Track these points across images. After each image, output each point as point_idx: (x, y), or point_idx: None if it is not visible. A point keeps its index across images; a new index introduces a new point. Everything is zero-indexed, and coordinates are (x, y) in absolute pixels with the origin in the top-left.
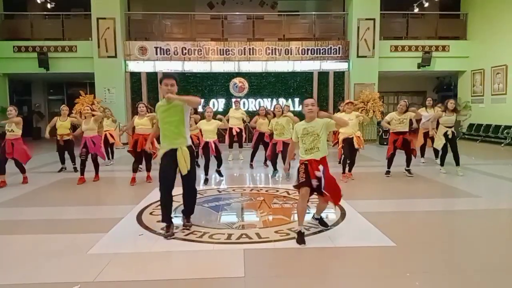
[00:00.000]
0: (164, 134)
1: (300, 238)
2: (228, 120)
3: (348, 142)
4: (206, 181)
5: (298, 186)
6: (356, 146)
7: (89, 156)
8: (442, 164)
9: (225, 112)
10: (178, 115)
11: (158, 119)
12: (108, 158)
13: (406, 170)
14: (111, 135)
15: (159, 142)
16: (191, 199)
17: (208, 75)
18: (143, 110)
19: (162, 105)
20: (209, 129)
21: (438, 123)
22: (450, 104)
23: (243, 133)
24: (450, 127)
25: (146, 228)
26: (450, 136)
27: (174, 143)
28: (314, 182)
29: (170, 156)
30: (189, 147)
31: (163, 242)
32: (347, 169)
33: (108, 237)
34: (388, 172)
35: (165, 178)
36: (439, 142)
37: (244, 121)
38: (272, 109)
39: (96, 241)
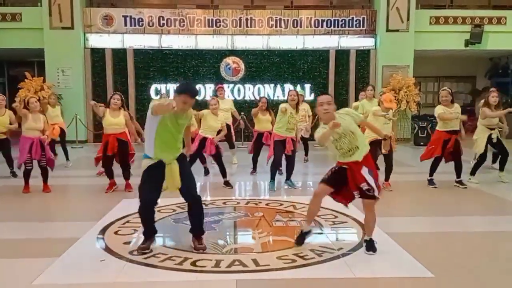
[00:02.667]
0: (164, 145)
1: (300, 237)
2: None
3: (378, 144)
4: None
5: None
6: (383, 151)
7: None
8: (472, 173)
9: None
10: (185, 125)
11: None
12: (67, 159)
13: (457, 181)
14: (61, 129)
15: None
16: (197, 213)
17: (193, 52)
18: (117, 103)
19: (171, 114)
20: (215, 125)
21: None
22: (492, 98)
23: (231, 130)
24: (493, 129)
25: (110, 251)
26: (494, 140)
27: (173, 156)
28: (356, 195)
29: (157, 168)
30: (181, 156)
31: (131, 270)
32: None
33: (59, 264)
34: (432, 181)
35: (148, 195)
36: (478, 149)
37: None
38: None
39: (43, 269)
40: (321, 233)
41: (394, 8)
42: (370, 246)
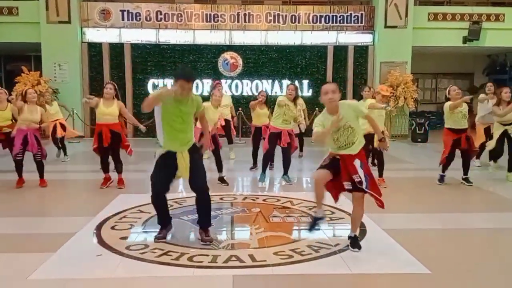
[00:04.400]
0: (171, 133)
1: (313, 223)
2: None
3: (371, 139)
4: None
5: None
6: (375, 145)
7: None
8: (493, 160)
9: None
10: (192, 113)
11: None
12: (65, 154)
13: (463, 179)
14: (62, 125)
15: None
16: (204, 205)
17: (191, 48)
18: (109, 92)
19: (172, 101)
20: (214, 118)
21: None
22: (505, 94)
23: (232, 125)
24: (510, 124)
25: (106, 246)
26: None
27: (182, 144)
28: (347, 185)
29: (170, 158)
30: (193, 148)
31: (128, 265)
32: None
33: (56, 258)
34: (442, 178)
35: (160, 183)
36: (491, 142)
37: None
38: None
39: (39, 264)
40: (318, 229)
41: (393, 4)
42: (355, 243)
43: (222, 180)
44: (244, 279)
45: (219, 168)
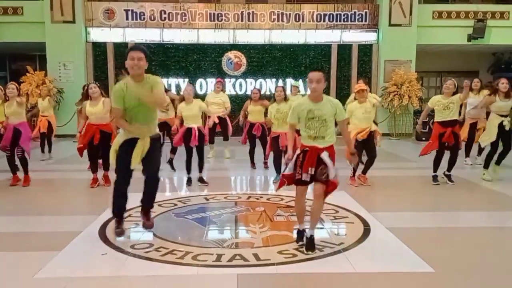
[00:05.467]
0: (134, 119)
1: (298, 236)
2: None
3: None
4: (189, 181)
5: (290, 182)
6: (359, 137)
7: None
8: (486, 166)
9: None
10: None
11: (121, 103)
12: (43, 152)
13: (445, 175)
14: (49, 122)
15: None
16: (152, 187)
17: (195, 47)
18: (95, 92)
19: (131, 85)
20: (190, 114)
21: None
22: (502, 85)
23: (228, 122)
24: (505, 116)
25: (111, 245)
26: (507, 128)
27: (147, 130)
28: (305, 176)
29: (130, 145)
30: (156, 136)
31: (133, 264)
32: (358, 172)
33: (61, 257)
34: (435, 178)
35: (124, 168)
36: (487, 138)
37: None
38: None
39: (45, 262)
40: (322, 228)
41: (397, 2)
42: (311, 244)
43: (201, 180)
44: (248, 278)
45: (200, 168)
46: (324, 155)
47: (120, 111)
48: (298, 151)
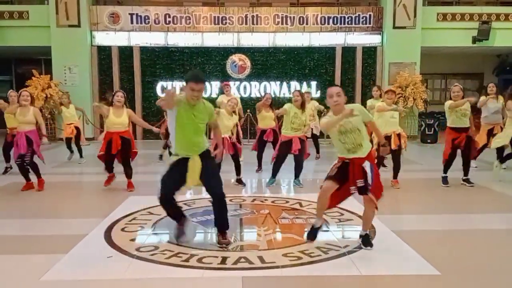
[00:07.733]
0: (183, 139)
1: (311, 232)
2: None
3: (388, 140)
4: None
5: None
6: (393, 146)
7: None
8: (502, 161)
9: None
10: (205, 120)
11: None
12: (72, 152)
13: (464, 180)
14: (77, 128)
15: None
16: (220, 208)
17: (199, 50)
18: (120, 100)
19: (186, 105)
20: (228, 124)
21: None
22: (489, 88)
23: (239, 126)
24: None
25: (117, 248)
26: None
27: (193, 151)
28: (352, 190)
29: (180, 164)
30: (206, 152)
31: (138, 267)
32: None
33: (67, 260)
34: (445, 179)
35: (168, 187)
36: (499, 140)
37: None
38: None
39: (51, 265)
40: (327, 231)
41: (401, 5)
42: (367, 241)
43: (239, 181)
44: (253, 280)
45: (238, 171)
46: (367, 167)
47: (179, 103)
48: (336, 162)
